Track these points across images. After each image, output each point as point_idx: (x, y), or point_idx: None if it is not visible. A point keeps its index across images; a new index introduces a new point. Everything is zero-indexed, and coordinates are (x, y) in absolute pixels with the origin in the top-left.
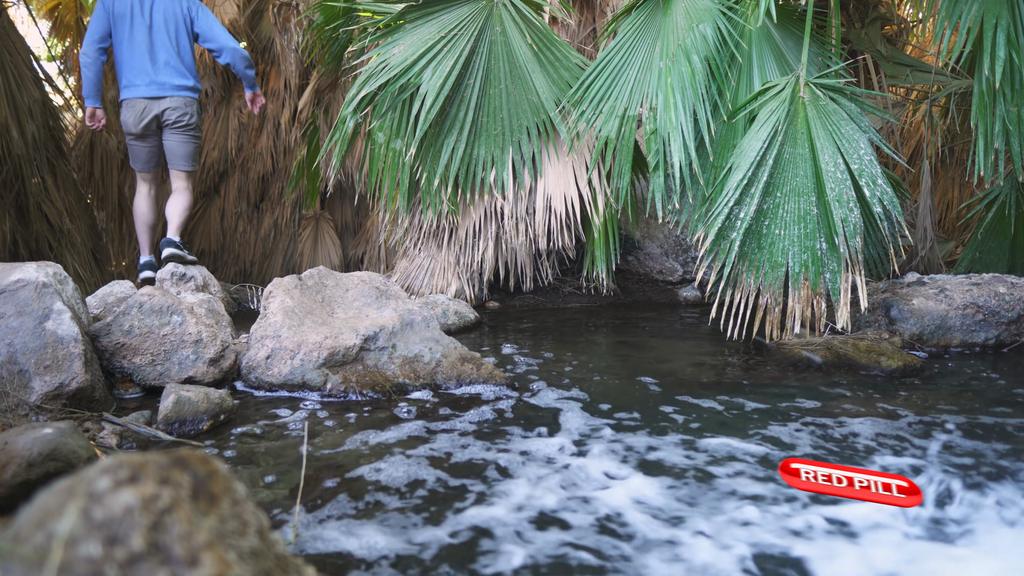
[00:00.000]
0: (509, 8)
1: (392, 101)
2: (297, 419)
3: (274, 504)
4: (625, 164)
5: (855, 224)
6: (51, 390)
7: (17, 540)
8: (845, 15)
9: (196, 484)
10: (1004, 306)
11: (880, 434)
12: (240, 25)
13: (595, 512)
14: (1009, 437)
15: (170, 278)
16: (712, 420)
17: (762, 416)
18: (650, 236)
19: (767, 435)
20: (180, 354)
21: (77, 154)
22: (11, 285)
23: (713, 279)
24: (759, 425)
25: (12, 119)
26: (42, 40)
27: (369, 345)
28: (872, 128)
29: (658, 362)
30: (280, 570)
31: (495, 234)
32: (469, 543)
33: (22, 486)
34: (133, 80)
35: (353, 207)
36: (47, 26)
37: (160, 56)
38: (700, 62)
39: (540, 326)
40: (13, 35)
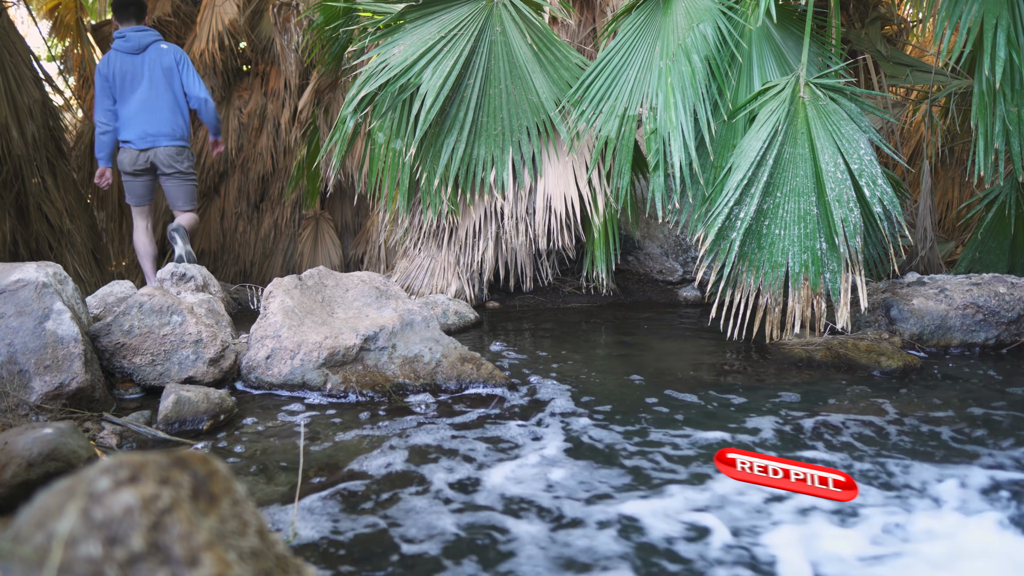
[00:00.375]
0: (509, 8)
1: (392, 101)
2: (297, 419)
3: (274, 504)
4: (625, 164)
5: (855, 224)
6: (51, 390)
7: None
8: (845, 15)
9: (196, 484)
10: (1004, 306)
11: (871, 433)
12: (240, 25)
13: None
14: (1006, 437)
15: (170, 278)
16: (706, 421)
17: (759, 417)
18: (650, 236)
19: (759, 436)
20: (180, 354)
21: (77, 154)
22: (11, 285)
23: (713, 279)
24: (754, 426)
25: (12, 119)
26: (42, 40)
27: (369, 345)
28: (872, 128)
29: (658, 362)
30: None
31: (495, 234)
32: (468, 542)
33: (22, 486)
34: (128, 134)
35: (353, 207)
36: (47, 26)
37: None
38: (700, 62)
39: (540, 326)
40: (13, 35)
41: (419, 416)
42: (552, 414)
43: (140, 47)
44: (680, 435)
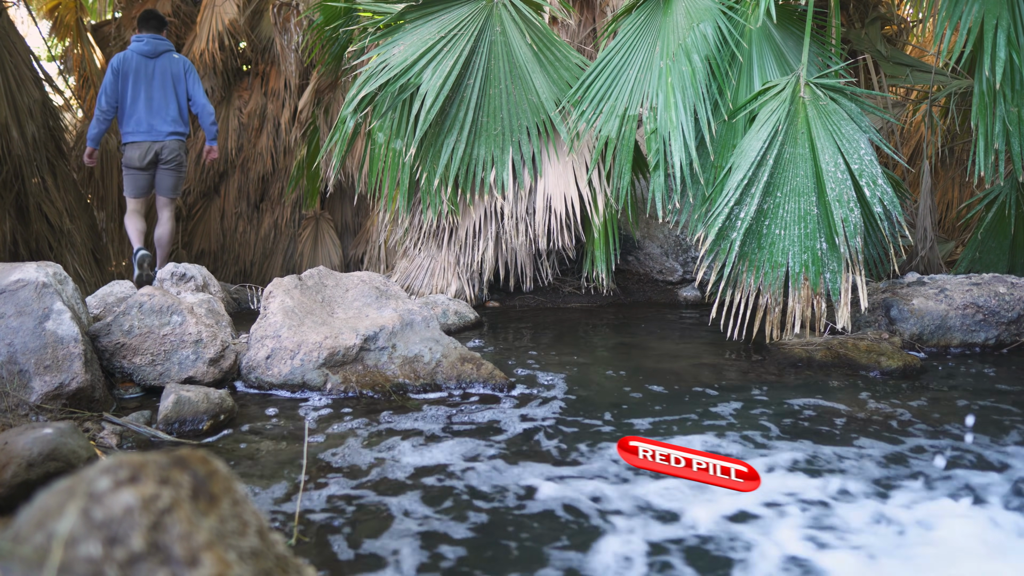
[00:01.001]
0: (509, 8)
1: (392, 101)
2: (297, 419)
3: (274, 503)
4: (625, 164)
5: (855, 224)
6: (51, 390)
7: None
8: (845, 15)
9: (196, 484)
10: (1004, 306)
11: (871, 433)
12: (240, 25)
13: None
14: (1006, 437)
15: (170, 278)
16: (705, 422)
17: (758, 416)
18: (650, 236)
19: (758, 436)
20: (180, 354)
21: (77, 154)
22: (11, 285)
23: (713, 279)
24: (754, 426)
25: (12, 119)
26: (42, 40)
27: (369, 345)
28: (872, 128)
29: (657, 363)
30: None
31: (495, 234)
32: (468, 542)
33: (22, 486)
34: (137, 127)
35: (353, 207)
36: (47, 26)
37: (162, 107)
38: (700, 61)
39: (540, 326)
40: (13, 35)
41: (419, 416)
42: (552, 414)
43: (155, 52)
44: (678, 434)
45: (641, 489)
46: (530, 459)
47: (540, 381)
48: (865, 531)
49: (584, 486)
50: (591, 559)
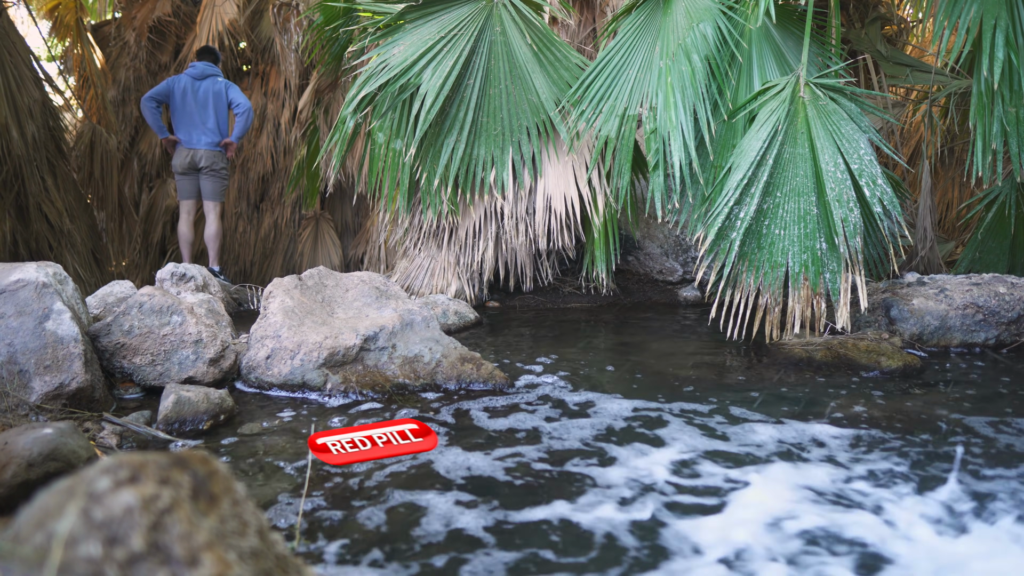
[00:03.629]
0: (509, 8)
1: (392, 101)
2: (297, 419)
3: (274, 503)
4: (625, 164)
5: (855, 224)
6: (51, 390)
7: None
8: (845, 15)
9: (196, 484)
10: (1004, 306)
11: (870, 433)
12: (240, 25)
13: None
14: (1007, 437)
15: (170, 278)
16: (703, 422)
17: (758, 416)
18: (650, 236)
19: (758, 436)
20: (180, 354)
21: (77, 154)
22: (11, 285)
23: (713, 279)
24: (753, 425)
25: (12, 119)
26: (42, 40)
27: (369, 345)
28: (872, 128)
29: (657, 363)
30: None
31: (495, 234)
32: (468, 541)
33: (22, 486)
34: (182, 136)
35: (353, 207)
36: (47, 26)
37: (203, 120)
38: (700, 61)
39: (540, 326)
40: (13, 35)
41: (419, 416)
42: (551, 414)
43: (203, 75)
44: (677, 435)
45: (641, 490)
46: (531, 459)
47: (540, 381)
48: (865, 530)
49: (585, 486)
50: None
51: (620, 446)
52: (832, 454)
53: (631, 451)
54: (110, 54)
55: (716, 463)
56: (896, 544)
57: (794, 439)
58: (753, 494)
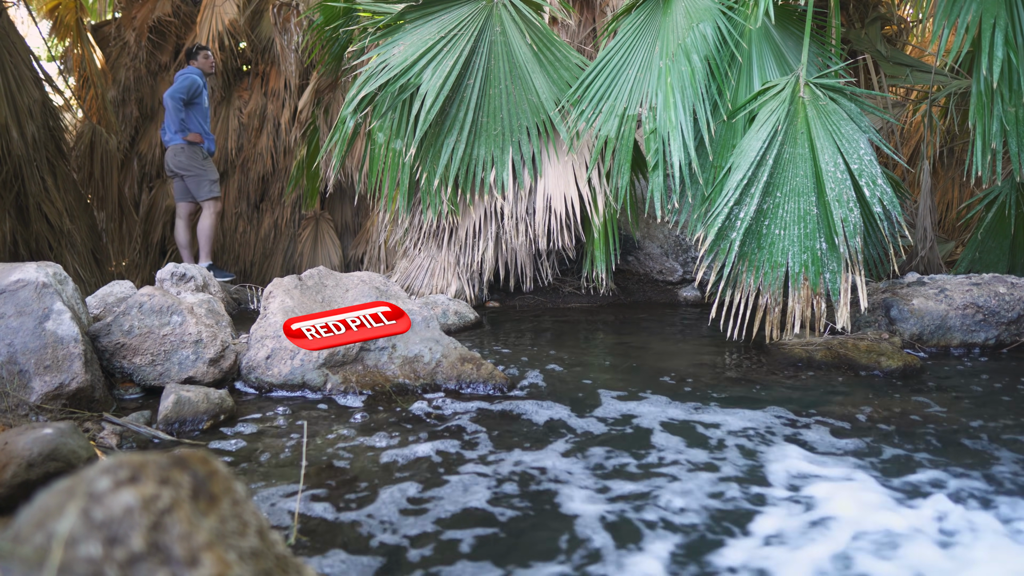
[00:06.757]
0: (509, 8)
1: (392, 101)
2: (297, 419)
3: (274, 503)
4: (625, 164)
5: (855, 224)
6: (51, 390)
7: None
8: (845, 15)
9: (196, 484)
10: (1004, 306)
11: (870, 433)
12: (240, 25)
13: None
14: (1007, 437)
15: (170, 278)
16: (694, 421)
17: (758, 416)
18: (650, 236)
19: (757, 436)
20: (180, 354)
21: (77, 154)
22: (11, 285)
23: (713, 279)
24: (752, 426)
25: (12, 119)
26: (42, 40)
27: (369, 345)
28: (872, 128)
29: (657, 363)
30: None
31: (495, 234)
32: (468, 540)
33: (22, 486)
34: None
35: (353, 207)
36: (47, 26)
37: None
38: (700, 62)
39: (540, 326)
40: (13, 35)
41: (419, 416)
42: (552, 414)
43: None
44: (678, 433)
45: (641, 489)
46: (531, 459)
47: (540, 381)
48: (865, 531)
49: (584, 486)
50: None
51: (620, 446)
52: (831, 454)
53: (631, 451)
54: (110, 54)
55: (716, 463)
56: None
57: (793, 439)
58: (753, 493)
